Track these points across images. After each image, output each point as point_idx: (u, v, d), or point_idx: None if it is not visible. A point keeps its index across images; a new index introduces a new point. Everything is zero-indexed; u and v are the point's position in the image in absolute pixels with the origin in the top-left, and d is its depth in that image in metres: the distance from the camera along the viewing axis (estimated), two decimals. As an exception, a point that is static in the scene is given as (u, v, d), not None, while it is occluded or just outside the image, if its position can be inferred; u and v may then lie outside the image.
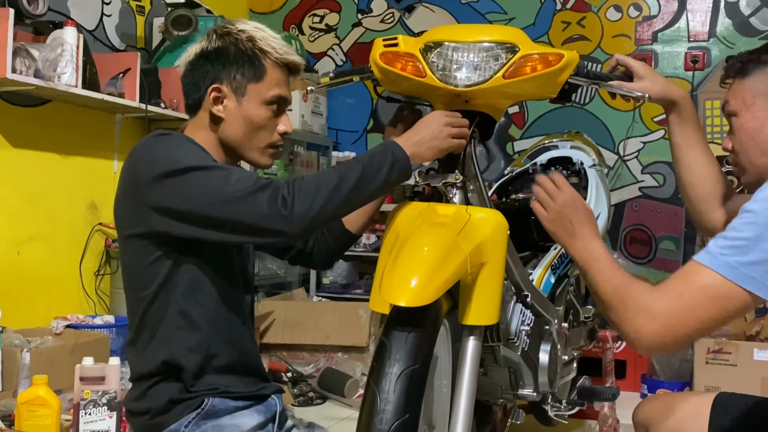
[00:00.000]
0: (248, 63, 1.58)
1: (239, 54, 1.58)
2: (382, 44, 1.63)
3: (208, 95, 1.57)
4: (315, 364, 3.35)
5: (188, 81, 1.60)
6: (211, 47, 1.59)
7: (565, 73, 1.54)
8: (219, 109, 1.57)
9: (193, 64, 1.60)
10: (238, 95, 1.57)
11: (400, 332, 1.33)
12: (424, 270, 1.33)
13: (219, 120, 1.58)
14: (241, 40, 1.59)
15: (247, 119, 1.58)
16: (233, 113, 1.58)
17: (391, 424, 1.25)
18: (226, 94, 1.57)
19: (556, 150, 2.85)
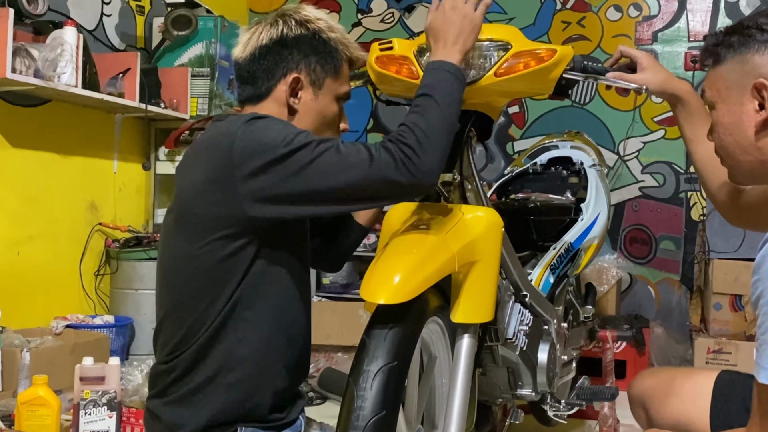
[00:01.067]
0: (329, 56, 1.52)
1: (322, 45, 1.52)
2: (377, 48, 1.63)
3: (287, 85, 1.50)
4: (315, 364, 3.35)
5: (258, 67, 1.51)
6: (292, 34, 1.50)
7: (558, 69, 1.54)
8: (294, 101, 1.51)
9: (267, 49, 1.51)
10: (315, 87, 1.52)
11: (379, 330, 1.33)
12: (404, 268, 1.34)
13: (293, 111, 1.51)
14: (322, 30, 1.52)
15: (320, 114, 1.53)
16: (308, 106, 1.52)
17: (368, 420, 1.26)
18: (303, 86, 1.51)
19: (556, 150, 2.85)
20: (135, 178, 3.65)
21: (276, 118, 1.45)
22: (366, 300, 1.34)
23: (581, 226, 2.35)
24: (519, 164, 2.93)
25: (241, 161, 1.35)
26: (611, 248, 3.88)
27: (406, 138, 1.34)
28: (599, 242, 2.47)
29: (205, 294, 1.42)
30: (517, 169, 2.74)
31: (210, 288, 1.42)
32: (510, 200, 2.52)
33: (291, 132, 1.37)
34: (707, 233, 3.29)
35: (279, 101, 1.51)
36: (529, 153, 3.11)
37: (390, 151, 1.33)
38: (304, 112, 1.52)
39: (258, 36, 1.52)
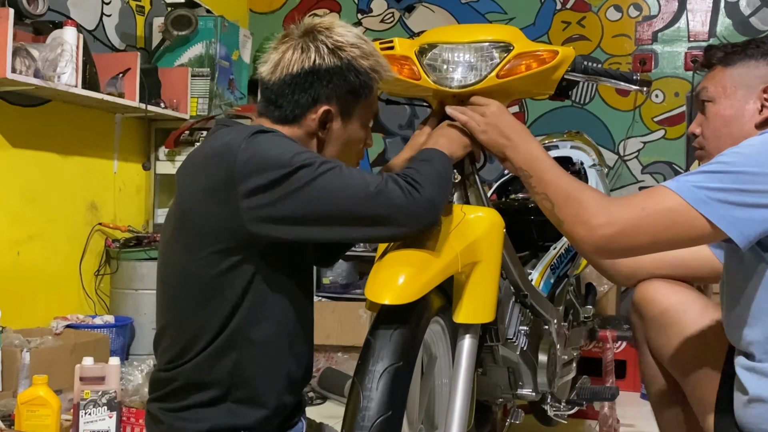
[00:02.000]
0: (361, 85, 1.48)
1: (356, 75, 1.46)
2: (378, 48, 1.63)
3: (316, 116, 1.46)
4: (315, 364, 3.35)
5: (286, 93, 1.46)
6: (324, 65, 1.45)
7: (560, 70, 1.54)
8: (324, 132, 1.48)
9: (298, 77, 1.45)
10: (345, 116, 1.49)
11: (384, 330, 1.33)
12: (409, 268, 1.34)
13: (320, 141, 1.49)
14: (355, 58, 1.46)
15: (348, 141, 1.51)
16: (336, 135, 1.49)
17: (373, 420, 1.26)
18: (333, 117, 1.47)
19: (556, 150, 2.85)
20: (135, 178, 3.65)
21: (282, 134, 1.43)
22: (371, 300, 1.34)
23: (581, 226, 2.35)
24: (519, 164, 2.93)
25: (243, 176, 1.33)
26: (611, 248, 3.88)
27: (410, 174, 1.36)
28: (599, 242, 2.46)
29: (203, 308, 1.40)
30: (518, 169, 2.74)
31: (207, 302, 1.40)
32: (510, 200, 2.52)
33: (295, 150, 1.36)
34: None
35: (307, 130, 1.48)
36: (529, 153, 3.11)
37: (395, 180, 1.34)
38: (332, 141, 1.50)
39: (288, 60, 1.46)
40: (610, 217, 1.28)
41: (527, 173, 1.42)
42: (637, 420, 2.88)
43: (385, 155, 4.36)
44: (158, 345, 1.50)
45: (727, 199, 1.23)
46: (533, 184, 1.41)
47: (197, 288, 1.40)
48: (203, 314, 1.40)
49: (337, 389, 3.13)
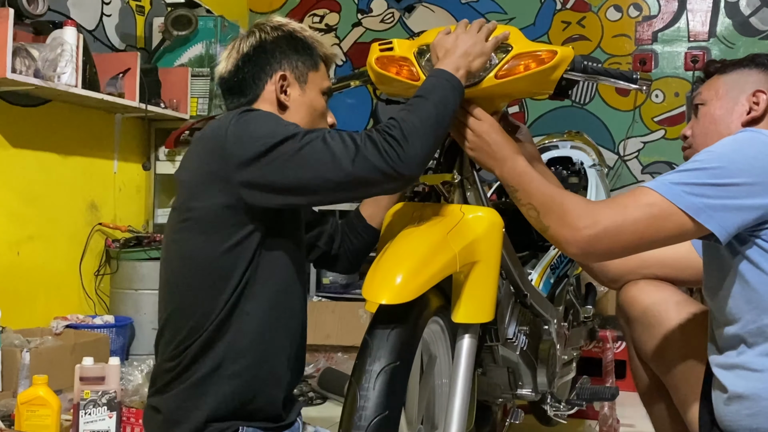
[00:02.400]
0: (307, 52, 1.61)
1: (299, 43, 1.61)
2: (377, 49, 1.63)
3: (275, 84, 1.57)
4: (315, 364, 3.35)
5: (244, 75, 1.58)
6: (270, 38, 1.59)
7: (558, 70, 1.54)
8: (285, 97, 1.58)
9: (249, 57, 1.58)
10: (301, 83, 1.60)
11: (382, 330, 1.33)
12: (406, 268, 1.34)
13: (284, 107, 1.58)
14: (296, 29, 1.62)
15: (311, 107, 1.60)
16: (298, 101, 1.59)
17: (370, 420, 1.26)
18: (290, 82, 1.58)
19: (556, 150, 2.85)
20: (135, 178, 3.65)
21: (266, 112, 1.50)
22: (368, 300, 1.34)
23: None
24: (519, 164, 2.93)
25: (233, 151, 1.40)
26: (611, 248, 3.88)
27: (392, 130, 1.37)
28: (599, 242, 2.46)
29: (212, 286, 1.46)
30: (517, 169, 2.74)
31: (216, 280, 1.45)
32: (510, 200, 2.52)
33: (280, 123, 1.44)
34: (707, 233, 3.29)
35: (270, 101, 1.57)
36: (529, 153, 3.11)
37: (374, 141, 1.36)
38: (295, 108, 1.59)
39: (238, 48, 1.59)
40: (593, 218, 1.31)
41: (513, 188, 1.46)
42: (637, 420, 2.88)
43: (385, 155, 4.36)
44: (161, 337, 1.54)
45: (703, 193, 1.27)
46: (519, 197, 1.45)
47: (207, 266, 1.46)
48: (212, 292, 1.46)
49: (337, 389, 3.13)
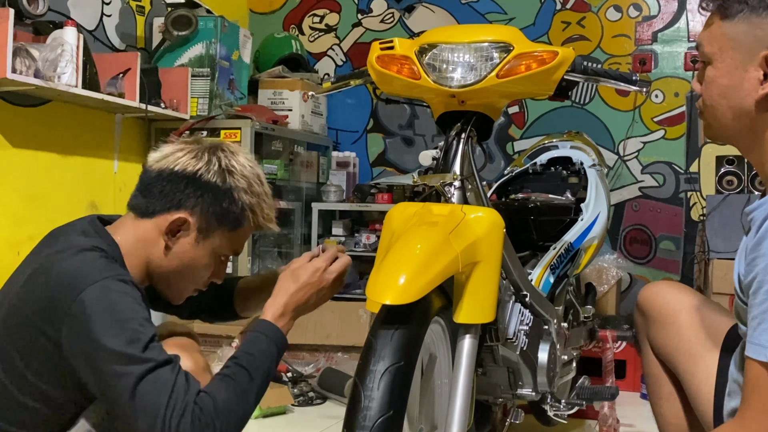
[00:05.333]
0: (232, 214, 1.44)
1: (229, 203, 1.44)
2: (378, 47, 1.64)
3: (171, 219, 1.42)
4: (315, 364, 3.35)
5: (157, 186, 1.45)
6: (207, 178, 1.43)
7: (559, 71, 1.54)
8: (172, 239, 1.43)
9: (174, 175, 1.43)
10: (200, 235, 1.44)
11: (386, 330, 1.34)
12: (410, 268, 1.34)
13: (164, 247, 1.44)
14: (240, 188, 1.44)
15: (191, 263, 1.46)
16: (181, 250, 1.44)
17: (375, 420, 1.26)
18: (189, 231, 1.43)
19: (556, 150, 2.86)
20: (135, 178, 3.57)
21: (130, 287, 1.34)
22: (372, 300, 1.34)
23: (581, 226, 2.36)
24: (519, 164, 2.94)
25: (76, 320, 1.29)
26: (611, 248, 3.89)
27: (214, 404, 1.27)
28: (599, 242, 2.47)
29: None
30: (517, 169, 2.75)
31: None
32: (510, 200, 2.52)
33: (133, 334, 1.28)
34: (707, 233, 3.29)
35: (158, 230, 1.44)
36: (529, 153, 3.12)
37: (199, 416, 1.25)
38: (174, 254, 1.44)
39: (176, 158, 1.45)
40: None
41: None
42: (637, 420, 2.88)
43: (385, 155, 4.36)
44: None
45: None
46: None
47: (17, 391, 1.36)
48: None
49: (337, 389, 3.13)
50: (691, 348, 1.55)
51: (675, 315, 1.61)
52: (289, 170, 4.01)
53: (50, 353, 1.32)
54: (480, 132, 1.65)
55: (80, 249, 1.37)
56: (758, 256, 1.17)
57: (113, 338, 1.26)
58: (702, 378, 1.50)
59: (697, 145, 3.86)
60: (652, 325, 1.66)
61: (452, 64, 1.56)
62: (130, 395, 1.24)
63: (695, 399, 1.52)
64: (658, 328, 1.63)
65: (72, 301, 1.29)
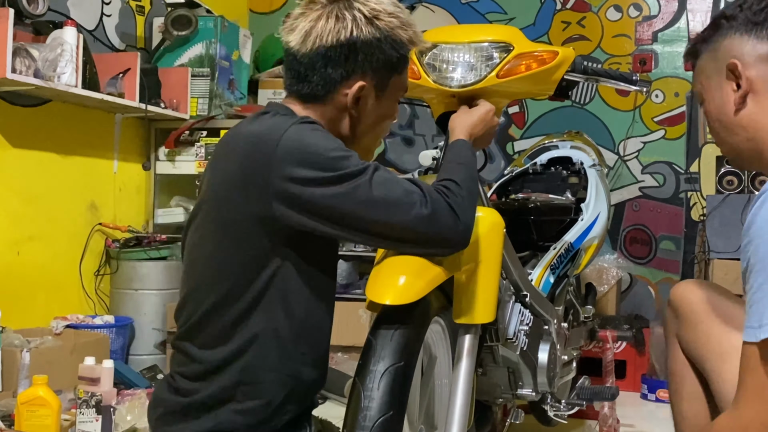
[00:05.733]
0: (398, 56, 1.39)
1: (393, 47, 1.38)
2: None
3: (350, 92, 1.37)
4: (315, 364, 3.35)
5: (317, 66, 1.36)
6: (362, 37, 1.35)
7: (560, 71, 1.54)
8: (356, 109, 1.40)
9: (332, 50, 1.35)
10: (379, 91, 1.40)
11: (386, 330, 1.33)
12: (410, 269, 1.34)
13: (352, 117, 1.40)
14: (395, 28, 1.37)
15: (381, 116, 1.43)
16: (369, 112, 1.41)
17: (375, 420, 1.26)
18: (368, 92, 1.39)
19: (556, 150, 2.85)
20: (135, 178, 3.65)
21: (327, 133, 1.35)
22: (373, 300, 1.33)
23: (581, 226, 2.35)
24: (519, 164, 2.93)
25: (283, 164, 1.26)
26: (611, 248, 3.88)
27: (455, 193, 1.34)
28: (599, 242, 2.47)
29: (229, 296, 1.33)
30: (517, 169, 2.74)
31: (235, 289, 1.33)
32: (510, 200, 2.52)
33: (340, 152, 1.29)
34: (707, 233, 3.29)
35: (339, 108, 1.40)
36: (529, 153, 3.11)
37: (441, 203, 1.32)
38: (364, 118, 1.42)
39: (321, 30, 1.35)
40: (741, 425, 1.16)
41: None
42: (637, 420, 2.88)
43: (385, 155, 4.36)
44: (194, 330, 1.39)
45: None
46: None
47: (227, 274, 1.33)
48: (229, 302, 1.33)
49: (337, 389, 3.13)
50: (721, 348, 1.54)
51: (706, 314, 1.60)
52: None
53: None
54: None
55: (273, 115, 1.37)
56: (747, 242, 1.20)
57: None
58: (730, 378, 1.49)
59: (698, 145, 3.86)
60: (683, 323, 1.65)
61: (452, 63, 1.56)
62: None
63: (722, 400, 1.52)
64: (689, 326, 1.62)
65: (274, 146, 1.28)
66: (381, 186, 1.28)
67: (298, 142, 1.27)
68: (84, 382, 2.27)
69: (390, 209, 1.27)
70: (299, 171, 1.26)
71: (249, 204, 1.30)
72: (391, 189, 1.28)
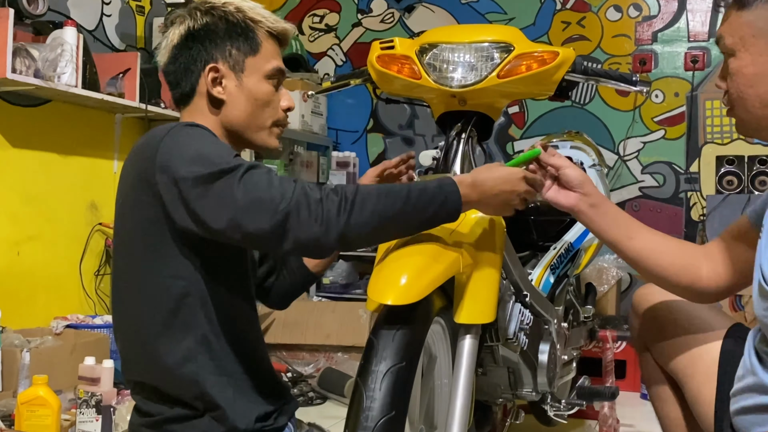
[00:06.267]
0: (242, 36, 1.45)
1: (231, 27, 1.45)
2: (379, 47, 1.64)
3: (206, 77, 1.43)
4: (315, 364, 3.35)
5: (176, 68, 1.46)
6: (198, 26, 1.45)
7: (560, 71, 1.54)
8: (219, 90, 1.44)
9: (179, 48, 1.45)
10: (237, 72, 1.45)
11: (387, 330, 1.33)
12: (412, 268, 1.34)
13: (220, 103, 1.45)
14: (230, 12, 1.45)
15: (250, 97, 1.45)
16: (235, 93, 1.45)
17: (377, 421, 1.26)
18: (224, 74, 1.44)
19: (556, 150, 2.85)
20: (135, 178, 3.64)
21: (205, 133, 1.36)
22: (374, 300, 1.33)
23: (581, 226, 2.35)
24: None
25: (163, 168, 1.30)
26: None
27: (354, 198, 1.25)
28: (599, 242, 2.47)
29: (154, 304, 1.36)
30: (517, 169, 2.74)
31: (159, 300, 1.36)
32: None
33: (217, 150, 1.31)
34: (707, 233, 3.30)
35: (204, 95, 1.45)
36: (529, 153, 3.11)
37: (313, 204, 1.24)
38: (232, 100, 1.45)
39: (168, 38, 1.48)
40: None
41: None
42: (637, 420, 2.89)
43: (385, 155, 4.36)
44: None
45: None
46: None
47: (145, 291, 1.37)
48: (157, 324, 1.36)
49: (337, 389, 3.13)
50: (689, 349, 1.54)
51: (671, 316, 1.60)
52: (288, 170, 4.01)
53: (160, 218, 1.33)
54: (480, 132, 1.65)
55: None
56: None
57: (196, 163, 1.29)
58: (701, 380, 1.50)
59: (697, 145, 3.86)
60: (649, 328, 1.65)
61: (453, 64, 1.56)
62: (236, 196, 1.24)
63: (695, 401, 1.52)
64: (655, 330, 1.63)
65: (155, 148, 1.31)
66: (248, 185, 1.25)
67: (173, 145, 1.32)
68: (84, 382, 2.27)
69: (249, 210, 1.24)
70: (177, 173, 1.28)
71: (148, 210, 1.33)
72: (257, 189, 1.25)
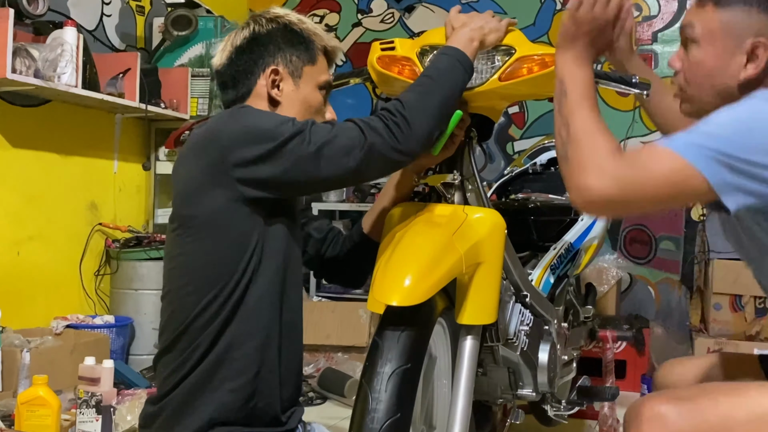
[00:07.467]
0: (303, 45, 1.55)
1: (294, 36, 1.55)
2: (379, 48, 1.64)
3: (266, 78, 1.52)
4: (315, 364, 3.35)
5: (236, 69, 1.54)
6: (263, 31, 1.54)
7: None
8: (277, 92, 1.53)
9: (242, 50, 1.54)
10: (295, 77, 1.54)
11: (392, 332, 1.33)
12: (416, 269, 1.33)
13: (276, 104, 1.53)
14: (293, 22, 1.56)
15: (305, 103, 1.55)
16: (290, 96, 1.54)
17: (382, 423, 1.26)
18: (283, 77, 1.53)
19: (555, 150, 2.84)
20: (135, 178, 3.65)
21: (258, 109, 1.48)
22: (379, 301, 1.33)
23: (581, 226, 2.35)
24: (519, 164, 2.93)
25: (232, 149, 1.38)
26: (611, 248, 3.88)
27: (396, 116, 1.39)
28: (599, 242, 2.47)
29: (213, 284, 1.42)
30: (517, 169, 2.74)
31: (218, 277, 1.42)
32: (510, 200, 2.52)
33: (278, 119, 1.41)
34: (707, 233, 3.30)
35: (261, 96, 1.53)
36: (529, 153, 3.11)
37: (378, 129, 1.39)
38: (288, 104, 1.54)
39: (232, 40, 1.56)
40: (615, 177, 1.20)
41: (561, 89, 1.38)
42: (637, 420, 2.88)
43: (385, 155, 4.36)
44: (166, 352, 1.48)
45: (724, 162, 1.16)
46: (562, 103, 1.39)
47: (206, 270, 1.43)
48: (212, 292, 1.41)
49: (337, 389, 3.13)
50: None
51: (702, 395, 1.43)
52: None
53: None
54: (480, 132, 1.65)
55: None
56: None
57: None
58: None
59: (697, 145, 3.86)
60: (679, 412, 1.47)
61: (453, 65, 1.56)
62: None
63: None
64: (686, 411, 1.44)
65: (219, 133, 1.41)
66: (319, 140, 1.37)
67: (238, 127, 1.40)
68: (84, 382, 2.27)
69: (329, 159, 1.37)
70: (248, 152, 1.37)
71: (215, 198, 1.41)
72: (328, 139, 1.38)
